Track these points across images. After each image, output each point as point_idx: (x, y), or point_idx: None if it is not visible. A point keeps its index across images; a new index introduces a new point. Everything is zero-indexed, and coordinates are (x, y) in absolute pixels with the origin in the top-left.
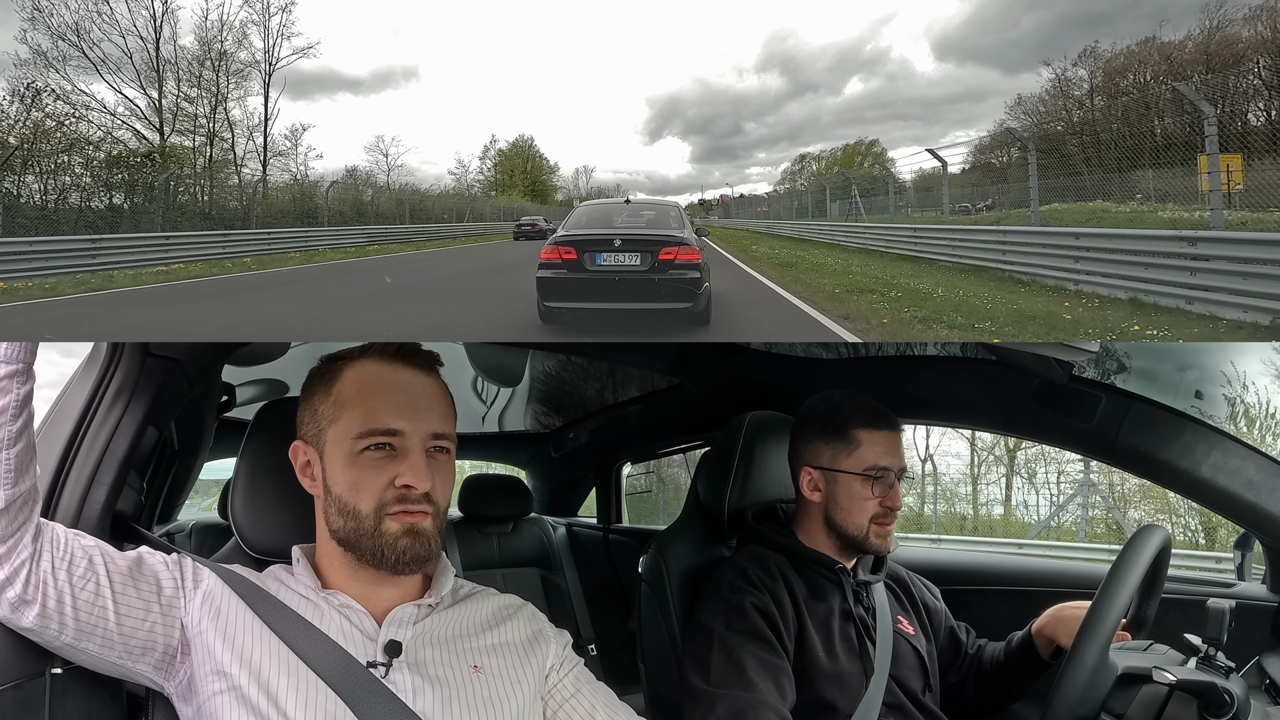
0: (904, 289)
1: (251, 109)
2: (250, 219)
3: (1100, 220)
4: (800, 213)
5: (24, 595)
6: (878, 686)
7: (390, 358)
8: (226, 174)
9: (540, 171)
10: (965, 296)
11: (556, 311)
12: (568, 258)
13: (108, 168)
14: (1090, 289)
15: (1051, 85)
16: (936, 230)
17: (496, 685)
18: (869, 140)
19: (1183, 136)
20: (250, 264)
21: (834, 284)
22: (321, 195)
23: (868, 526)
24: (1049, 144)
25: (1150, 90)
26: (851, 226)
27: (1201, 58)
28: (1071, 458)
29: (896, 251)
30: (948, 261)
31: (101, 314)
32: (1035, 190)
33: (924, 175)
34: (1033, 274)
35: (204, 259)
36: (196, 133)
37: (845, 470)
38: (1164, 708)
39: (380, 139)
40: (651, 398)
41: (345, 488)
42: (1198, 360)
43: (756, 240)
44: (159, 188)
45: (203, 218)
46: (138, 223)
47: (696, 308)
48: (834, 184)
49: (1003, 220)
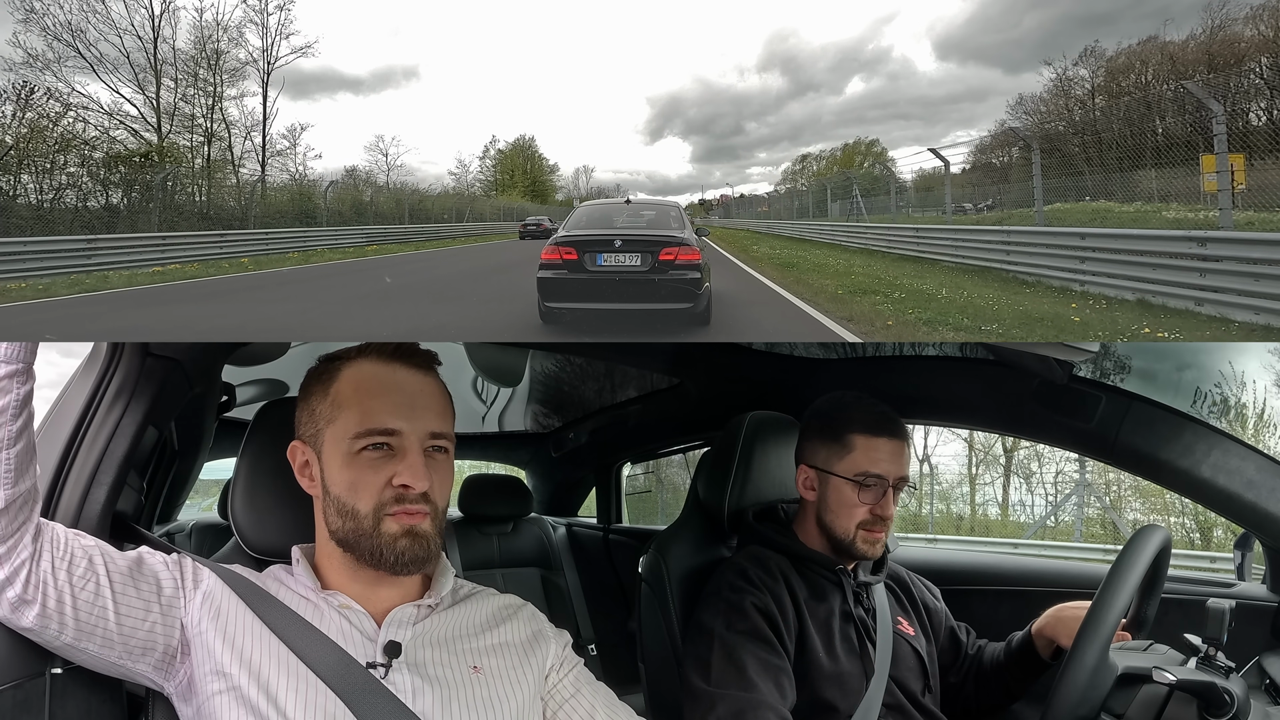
0: (908, 290)
1: (251, 109)
2: (248, 219)
3: (1105, 220)
4: (801, 213)
5: (24, 595)
6: (877, 687)
7: (388, 357)
8: (225, 174)
9: (540, 171)
10: (970, 298)
11: (557, 312)
12: (568, 258)
13: (104, 167)
14: (1097, 290)
15: (1053, 85)
16: (939, 230)
17: (496, 685)
18: (869, 140)
19: (1184, 136)
20: (248, 264)
21: (836, 285)
22: (320, 195)
23: (854, 531)
24: (1050, 144)
25: (1151, 90)
26: (853, 226)
27: (1203, 57)
28: (1069, 457)
29: (898, 252)
30: (951, 262)
31: (100, 314)
32: (1039, 190)
33: (924, 175)
34: (1038, 275)
35: (201, 259)
36: (194, 132)
37: (836, 473)
38: (1164, 708)
39: (380, 139)
40: (651, 398)
41: (343, 488)
42: (1196, 360)
43: (757, 240)
44: (156, 187)
45: (200, 218)
46: (134, 223)
47: (697, 308)
48: (835, 184)
49: (1005, 220)
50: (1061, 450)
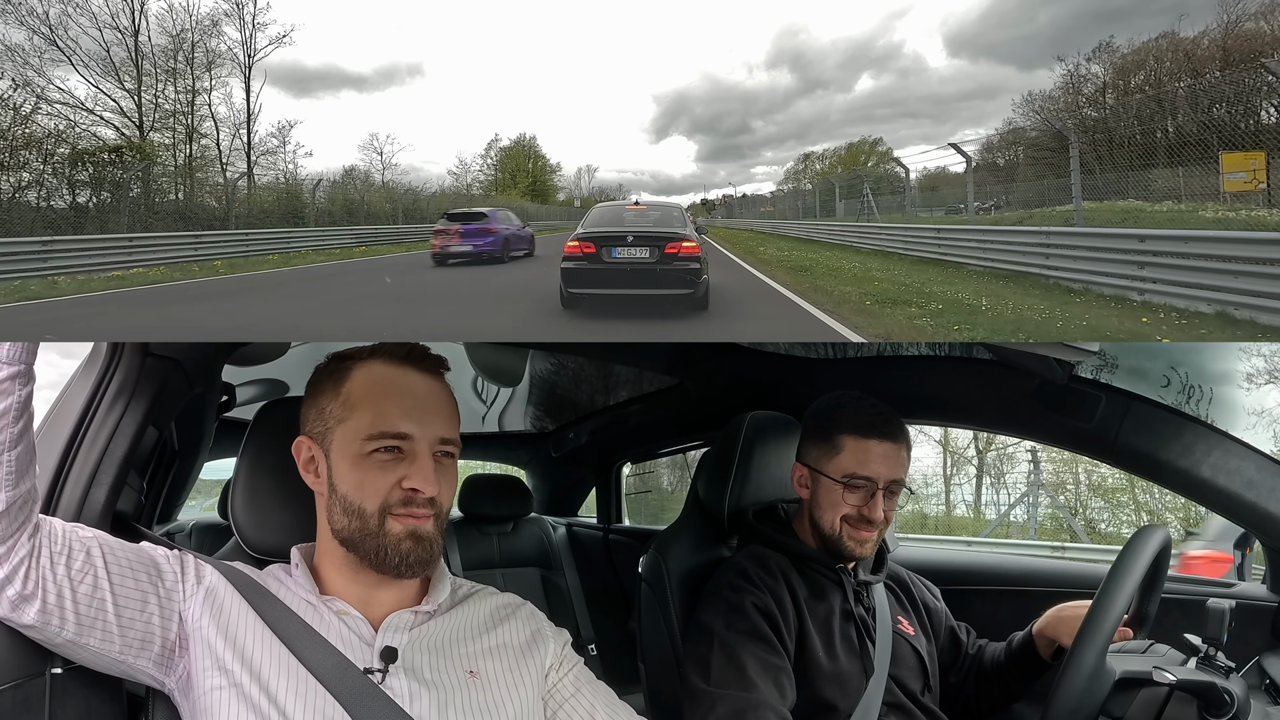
0: (944, 300)
1: (238, 105)
2: (229, 219)
3: (1137, 220)
4: (806, 213)
5: (24, 592)
6: (877, 686)
7: (400, 360)
8: (211, 172)
9: (542, 171)
10: (1018, 310)
11: (578, 297)
12: (588, 251)
13: (70, 164)
14: (1161, 300)
15: (1063, 81)
16: (964, 231)
17: (494, 689)
18: (873, 139)
19: (1196, 134)
20: (220, 268)
21: (859, 292)
22: (308, 194)
23: (840, 528)
24: (1059, 142)
25: (1165, 86)
26: (865, 227)
27: (1218, 53)
28: (1028, 458)
29: (916, 254)
30: (977, 266)
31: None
32: (1078, 188)
33: (928, 175)
34: (1085, 281)
35: (169, 262)
36: (175, 129)
37: (825, 473)
38: (1164, 708)
39: (375, 136)
40: (651, 398)
41: (351, 487)
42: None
43: (763, 241)
44: (125, 185)
45: (179, 218)
46: (104, 224)
47: (696, 294)
48: (844, 182)
49: (1028, 220)
50: (1025, 452)
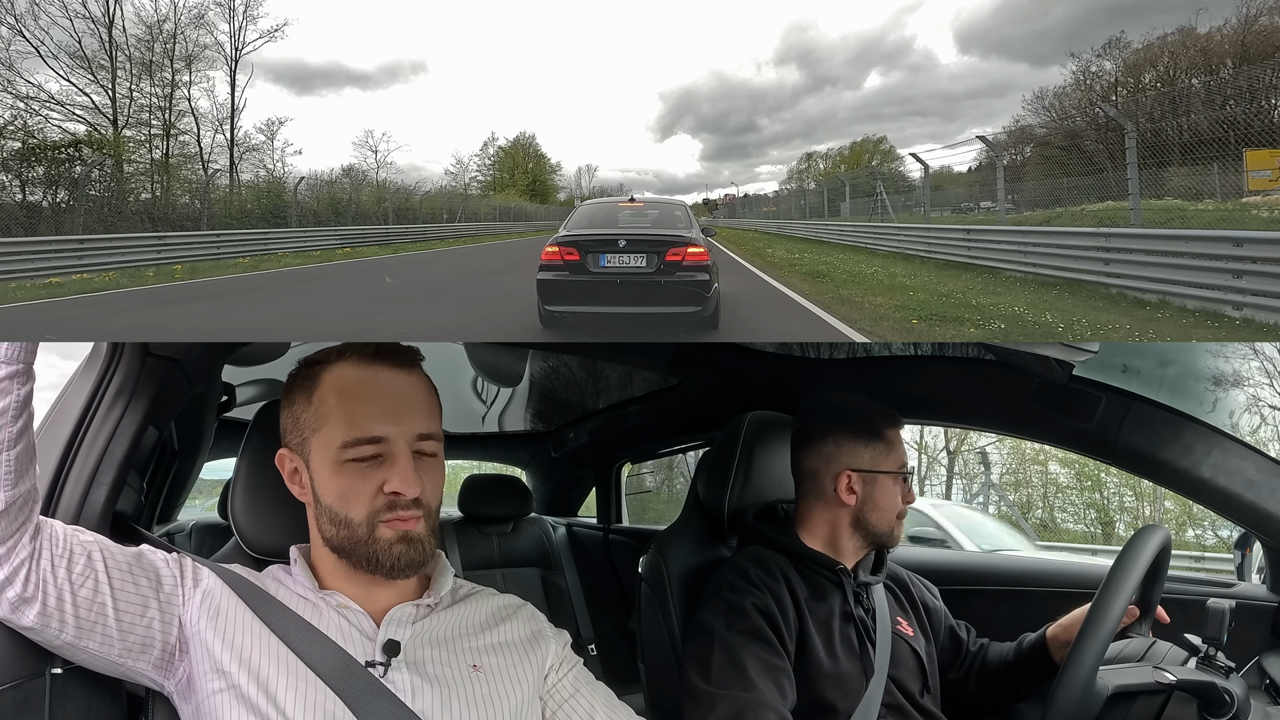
0: (1001, 316)
1: (221, 100)
2: (201, 219)
3: (1184, 221)
4: (813, 212)
5: (24, 594)
6: (877, 687)
7: (369, 359)
8: (192, 169)
9: (542, 170)
10: (1094, 327)
11: (558, 316)
12: (570, 259)
13: (21, 159)
14: (1269, 319)
15: (1074, 78)
16: (1000, 233)
17: (495, 684)
18: (876, 138)
19: (1212, 132)
20: (178, 272)
21: (892, 304)
22: (290, 193)
23: (894, 523)
24: (1071, 140)
25: (1180, 82)
26: (880, 227)
27: (1237, 49)
28: (991, 461)
29: (939, 257)
30: (1017, 272)
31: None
32: (1135, 184)
33: (933, 174)
34: (1160, 292)
35: (122, 266)
36: (150, 124)
37: (884, 471)
38: (1164, 708)
39: (369, 134)
40: (651, 398)
41: (335, 497)
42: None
43: (770, 242)
44: (82, 182)
45: (146, 218)
46: (59, 224)
47: (705, 311)
48: (855, 180)
49: (1054, 220)
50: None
